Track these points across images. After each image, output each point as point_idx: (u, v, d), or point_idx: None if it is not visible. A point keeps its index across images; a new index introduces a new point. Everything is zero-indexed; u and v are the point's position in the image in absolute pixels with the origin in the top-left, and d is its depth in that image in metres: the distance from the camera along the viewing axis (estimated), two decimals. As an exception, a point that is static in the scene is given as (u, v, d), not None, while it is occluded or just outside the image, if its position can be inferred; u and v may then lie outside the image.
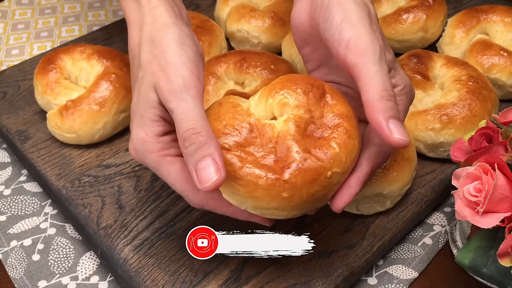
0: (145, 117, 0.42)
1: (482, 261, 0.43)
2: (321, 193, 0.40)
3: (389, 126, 0.37)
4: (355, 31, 0.40)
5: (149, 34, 0.43)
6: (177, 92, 0.40)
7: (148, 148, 0.42)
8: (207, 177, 0.37)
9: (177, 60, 0.41)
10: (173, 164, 0.42)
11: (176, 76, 0.40)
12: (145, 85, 0.42)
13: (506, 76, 0.64)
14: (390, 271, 0.52)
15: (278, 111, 0.42)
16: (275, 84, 0.43)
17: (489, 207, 0.41)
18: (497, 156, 0.43)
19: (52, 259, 0.54)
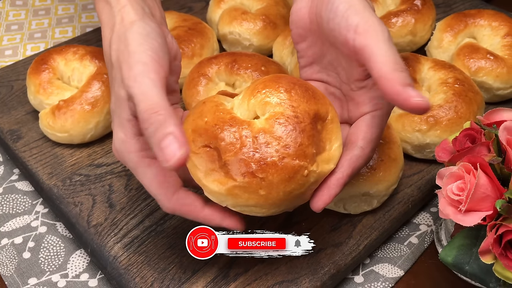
0: (121, 117, 0.42)
1: (465, 259, 0.44)
2: (298, 192, 0.40)
3: (408, 92, 0.37)
4: (362, 17, 0.41)
5: (118, 33, 0.43)
6: (136, 77, 0.39)
7: (127, 148, 0.42)
8: (171, 154, 0.36)
9: (139, 49, 0.41)
10: (150, 167, 0.42)
11: (135, 62, 0.40)
12: (117, 83, 0.42)
13: (493, 79, 0.65)
14: (376, 270, 0.53)
15: (260, 110, 0.43)
16: (258, 84, 0.44)
17: (471, 206, 0.42)
18: (479, 156, 0.44)
19: (42, 256, 0.55)
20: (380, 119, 0.44)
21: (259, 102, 0.43)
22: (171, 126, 0.37)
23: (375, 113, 0.44)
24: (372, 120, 0.44)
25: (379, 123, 0.44)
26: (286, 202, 0.41)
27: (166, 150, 0.36)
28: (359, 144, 0.43)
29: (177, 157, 0.36)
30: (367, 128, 0.44)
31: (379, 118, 0.44)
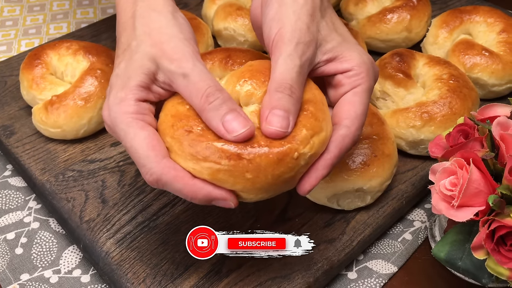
0: (132, 79, 0.42)
1: (458, 255, 0.44)
2: (288, 175, 0.39)
3: (268, 115, 0.39)
4: (280, 27, 0.42)
5: (146, 9, 0.44)
6: (188, 59, 0.41)
7: (123, 108, 0.41)
8: (237, 126, 0.38)
9: (181, 36, 0.42)
10: (143, 130, 0.40)
11: (183, 47, 0.42)
12: (141, 54, 0.42)
13: (488, 75, 0.65)
14: (370, 266, 0.53)
15: (244, 100, 0.42)
16: (245, 72, 0.43)
17: (463, 201, 0.42)
18: (472, 152, 0.43)
19: (35, 252, 0.54)
20: (362, 94, 0.43)
21: (245, 91, 0.42)
22: (235, 104, 0.40)
23: (356, 90, 0.43)
24: (354, 97, 0.43)
25: (362, 99, 0.43)
26: (275, 186, 0.40)
27: (231, 122, 0.38)
28: (344, 123, 0.42)
29: (243, 130, 0.38)
30: (349, 105, 0.43)
31: (361, 94, 0.43)
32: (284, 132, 0.39)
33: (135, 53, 0.42)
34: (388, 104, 0.62)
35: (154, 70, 0.42)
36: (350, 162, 0.52)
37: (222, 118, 0.39)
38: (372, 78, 0.44)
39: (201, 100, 0.40)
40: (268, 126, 0.39)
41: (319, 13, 0.44)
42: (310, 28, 0.43)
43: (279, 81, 0.40)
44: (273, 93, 0.40)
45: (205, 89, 0.40)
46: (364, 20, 0.73)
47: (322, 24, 0.44)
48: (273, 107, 0.39)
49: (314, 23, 0.43)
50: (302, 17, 0.42)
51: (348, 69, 0.43)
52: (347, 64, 0.43)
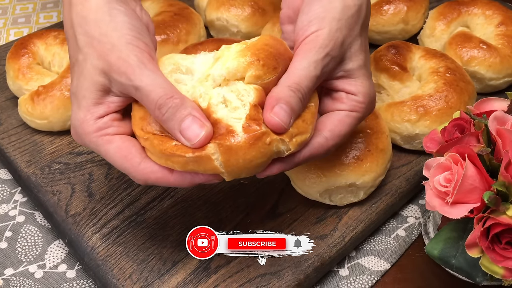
0: (87, 98, 0.41)
1: (451, 252, 0.43)
2: (260, 161, 0.39)
3: (274, 106, 0.39)
4: (319, 28, 0.42)
5: (82, 15, 0.42)
6: (135, 70, 0.39)
7: (85, 129, 0.41)
8: (193, 133, 0.38)
9: (123, 41, 0.40)
10: (111, 143, 0.41)
11: (127, 54, 0.40)
12: (90, 69, 0.41)
13: (485, 69, 0.63)
14: (362, 263, 0.51)
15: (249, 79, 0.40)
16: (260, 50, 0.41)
17: (458, 198, 0.41)
18: (468, 147, 0.42)
19: (20, 247, 0.53)
20: (354, 120, 0.44)
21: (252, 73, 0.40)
22: (188, 108, 0.39)
23: (351, 113, 0.44)
24: (346, 118, 0.43)
25: (351, 123, 0.44)
26: (246, 170, 0.39)
27: (188, 130, 0.38)
28: (324, 134, 0.43)
29: (200, 136, 0.38)
30: (338, 122, 0.43)
31: (353, 119, 0.44)
32: (284, 127, 0.39)
33: (84, 69, 0.41)
34: (383, 98, 0.61)
35: (107, 84, 0.41)
36: (343, 157, 0.51)
37: (179, 127, 0.39)
38: (368, 112, 0.45)
39: (155, 113, 0.39)
40: (274, 116, 0.39)
41: (359, 29, 0.44)
42: (345, 42, 0.43)
43: (296, 82, 0.41)
44: (286, 89, 0.40)
45: (156, 101, 0.39)
46: (360, 11, 0.72)
47: (357, 41, 0.44)
48: (281, 100, 0.40)
49: (350, 38, 0.43)
50: (343, 29, 0.43)
51: (354, 92, 0.44)
52: (355, 88, 0.44)
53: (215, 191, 0.54)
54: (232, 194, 0.54)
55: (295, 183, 0.53)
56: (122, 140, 0.41)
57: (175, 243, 0.50)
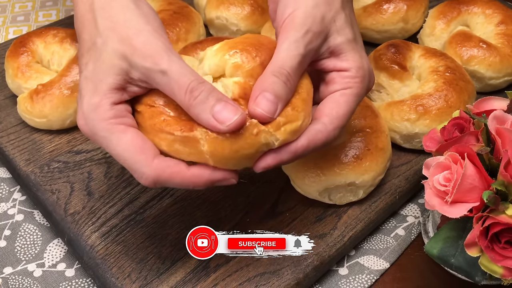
0: (104, 82, 0.39)
1: (451, 252, 0.43)
2: (247, 152, 0.38)
3: (258, 96, 0.38)
4: (294, 9, 0.41)
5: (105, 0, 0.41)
6: (163, 54, 0.39)
7: (100, 115, 0.39)
8: (228, 116, 0.37)
9: (150, 27, 0.40)
10: (126, 133, 0.39)
11: (154, 40, 0.39)
12: (110, 52, 0.39)
13: (485, 68, 0.63)
14: (361, 262, 0.51)
15: (230, 71, 0.41)
16: (238, 43, 0.42)
17: (457, 197, 0.41)
18: (467, 146, 0.42)
19: (19, 245, 0.53)
20: (350, 97, 0.42)
21: (232, 63, 0.41)
22: (220, 94, 0.38)
23: (345, 91, 0.42)
24: (340, 97, 0.42)
25: (348, 101, 0.42)
26: (234, 161, 0.39)
27: (221, 113, 0.37)
28: (322, 120, 0.41)
29: (234, 119, 0.37)
30: (333, 104, 0.42)
31: (348, 96, 0.42)
32: (269, 117, 0.38)
33: (103, 52, 0.40)
34: (382, 97, 0.61)
35: (126, 69, 0.39)
36: (342, 156, 0.51)
37: (212, 110, 0.37)
38: (366, 86, 0.43)
39: (185, 97, 0.38)
40: (255, 107, 0.38)
41: (340, 3, 0.43)
42: (325, 17, 0.42)
43: (278, 65, 0.39)
44: (268, 76, 0.39)
45: (187, 84, 0.38)
46: (359, 10, 0.72)
47: (340, 15, 0.43)
48: (265, 90, 0.39)
49: (331, 13, 0.42)
50: (320, 4, 0.41)
51: (345, 68, 0.42)
52: (346, 63, 0.42)
53: (214, 190, 0.54)
54: (231, 193, 0.54)
55: (295, 182, 0.53)
56: (137, 132, 0.39)
57: (174, 242, 0.50)
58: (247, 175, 0.55)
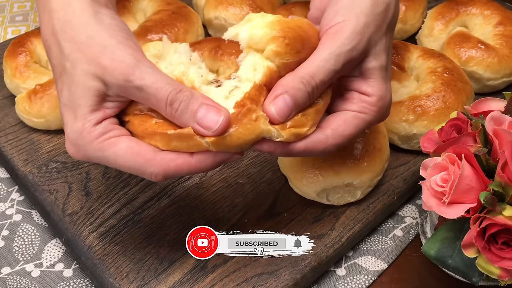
0: (83, 106, 0.39)
1: (448, 252, 0.43)
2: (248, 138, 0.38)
3: (278, 96, 0.38)
4: (346, 19, 0.40)
5: (64, 20, 0.39)
6: (134, 70, 0.38)
7: (87, 138, 0.39)
8: (212, 121, 0.37)
9: (114, 41, 0.39)
10: (118, 144, 0.39)
11: (121, 54, 0.38)
12: (81, 75, 0.39)
13: (483, 69, 0.63)
14: (359, 262, 0.51)
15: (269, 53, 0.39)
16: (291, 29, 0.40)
17: (454, 198, 0.41)
18: (465, 147, 0.42)
19: (16, 245, 0.53)
20: (361, 122, 0.42)
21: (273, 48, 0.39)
22: (199, 98, 0.38)
23: (359, 115, 0.42)
24: (353, 119, 0.42)
25: (358, 125, 0.42)
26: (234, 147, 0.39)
27: (204, 119, 0.37)
28: (327, 132, 0.41)
29: (219, 122, 0.37)
30: (343, 122, 0.42)
31: (360, 121, 0.42)
32: (279, 120, 0.39)
33: (74, 76, 0.39)
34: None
35: (102, 88, 0.39)
36: (340, 157, 0.51)
37: (195, 119, 0.37)
38: (380, 117, 0.43)
39: (167, 110, 0.38)
40: (271, 106, 0.38)
41: (385, 28, 0.43)
42: (371, 39, 0.41)
43: (311, 73, 0.39)
44: (296, 80, 0.39)
45: (166, 97, 0.38)
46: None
47: (382, 40, 0.43)
48: (287, 92, 0.39)
49: (376, 36, 0.42)
50: (370, 25, 0.41)
51: (368, 93, 0.42)
52: (371, 89, 0.42)
53: (212, 191, 0.54)
54: (229, 193, 0.54)
55: (293, 182, 0.53)
56: (129, 139, 0.39)
57: (172, 242, 0.50)
58: (245, 176, 0.56)
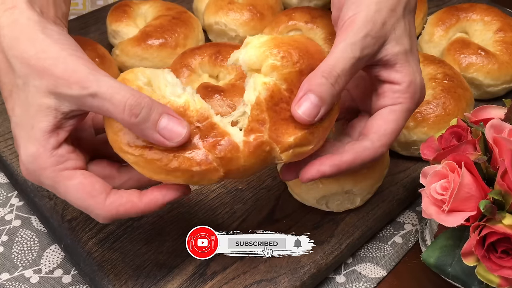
0: (36, 128, 0.37)
1: (447, 260, 0.43)
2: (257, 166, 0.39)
3: (302, 97, 0.38)
4: (356, 12, 0.41)
5: (12, 36, 0.38)
6: (89, 77, 0.37)
7: (41, 164, 0.38)
8: (174, 132, 0.37)
9: (65, 53, 0.38)
10: (72, 179, 0.38)
11: (73, 64, 0.37)
12: (33, 92, 0.37)
13: (483, 75, 0.63)
14: (358, 269, 0.51)
15: (266, 69, 0.39)
16: (285, 43, 0.40)
17: (454, 206, 0.41)
18: (464, 155, 0.42)
19: (15, 251, 0.53)
20: (399, 114, 0.42)
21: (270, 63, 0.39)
22: (160, 106, 0.37)
23: (394, 107, 0.42)
24: (389, 114, 0.42)
25: (396, 119, 0.42)
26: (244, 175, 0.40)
27: (166, 129, 0.36)
28: (370, 137, 0.41)
29: (183, 134, 0.37)
30: (382, 121, 0.42)
31: (398, 113, 0.42)
32: (309, 120, 0.38)
33: (27, 93, 0.37)
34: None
35: (55, 106, 0.37)
36: (340, 163, 0.51)
37: (157, 128, 0.37)
38: (416, 102, 0.43)
39: (125, 115, 0.36)
40: (297, 108, 0.38)
41: (402, 10, 0.42)
42: (386, 23, 0.41)
43: (330, 66, 0.39)
44: (317, 75, 0.39)
45: (124, 102, 0.36)
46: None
47: (400, 23, 0.42)
48: (310, 90, 0.38)
49: (392, 19, 0.42)
50: (382, 10, 0.41)
51: (397, 81, 0.42)
52: (399, 76, 0.42)
53: (211, 197, 0.54)
54: (228, 200, 0.54)
55: (292, 189, 0.53)
56: (84, 175, 0.38)
57: (171, 249, 0.50)
58: (245, 182, 0.55)
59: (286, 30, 0.67)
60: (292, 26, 0.67)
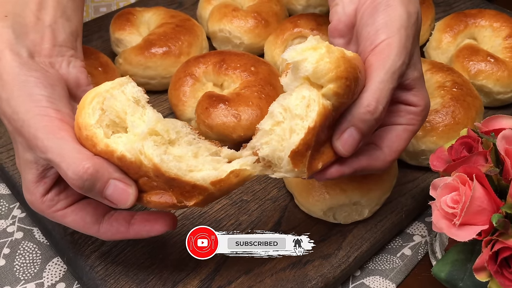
0: (26, 179, 0.42)
1: (459, 275, 0.42)
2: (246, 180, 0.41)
3: (346, 132, 0.39)
4: (390, 36, 0.41)
5: None
6: (44, 142, 0.39)
7: (37, 209, 0.42)
8: (121, 197, 0.39)
9: (31, 114, 0.40)
10: (65, 217, 0.42)
11: (36, 129, 0.39)
12: (21, 147, 0.41)
13: (493, 82, 0.62)
14: (367, 283, 0.50)
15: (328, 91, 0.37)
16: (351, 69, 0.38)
17: (466, 219, 0.40)
18: (475, 167, 0.41)
19: (18, 264, 0.52)
20: (411, 134, 0.44)
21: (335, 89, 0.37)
22: (104, 173, 0.38)
23: (408, 127, 0.43)
24: (404, 133, 0.43)
25: (408, 138, 0.44)
26: None
27: (113, 196, 0.39)
28: (384, 150, 0.43)
29: (129, 198, 0.39)
30: (396, 138, 0.43)
31: (410, 134, 0.44)
32: (347, 155, 0.40)
33: (18, 146, 0.42)
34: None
35: (35, 160, 0.41)
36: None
37: (103, 196, 0.39)
38: (421, 125, 0.45)
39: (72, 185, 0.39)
40: (339, 144, 0.40)
41: (417, 37, 0.44)
42: (413, 51, 0.43)
43: (374, 99, 0.40)
44: (362, 110, 0.39)
45: (70, 175, 0.38)
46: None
47: (417, 49, 0.44)
48: (355, 125, 0.39)
49: (413, 46, 0.43)
50: (410, 37, 0.42)
51: (414, 104, 0.43)
52: (417, 100, 0.43)
53: (216, 208, 0.53)
54: (233, 211, 0.53)
55: (299, 200, 0.52)
56: (74, 212, 0.42)
57: (176, 262, 0.49)
58: (250, 193, 0.55)
59: (292, 38, 0.66)
60: (298, 33, 0.66)
